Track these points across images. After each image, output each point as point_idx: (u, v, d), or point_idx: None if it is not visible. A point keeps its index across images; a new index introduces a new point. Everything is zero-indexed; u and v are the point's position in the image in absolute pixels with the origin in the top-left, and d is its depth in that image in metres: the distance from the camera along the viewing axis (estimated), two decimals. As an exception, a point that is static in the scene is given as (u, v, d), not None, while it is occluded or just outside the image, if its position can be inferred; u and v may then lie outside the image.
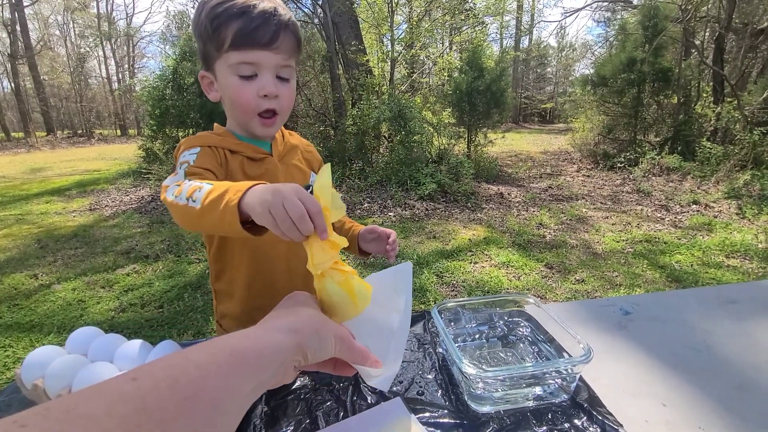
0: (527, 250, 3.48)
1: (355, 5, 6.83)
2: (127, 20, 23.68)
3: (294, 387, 0.66)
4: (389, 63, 6.94)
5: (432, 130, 5.95)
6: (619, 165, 6.66)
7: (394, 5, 6.50)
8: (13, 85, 16.38)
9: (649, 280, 2.88)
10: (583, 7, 10.61)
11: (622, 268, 3.07)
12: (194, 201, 0.53)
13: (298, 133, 0.93)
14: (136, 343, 0.66)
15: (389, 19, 6.66)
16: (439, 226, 4.17)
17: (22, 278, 3.06)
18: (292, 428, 0.58)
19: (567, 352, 0.64)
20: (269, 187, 0.46)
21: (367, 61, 6.54)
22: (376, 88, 6.37)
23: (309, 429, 0.58)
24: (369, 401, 0.63)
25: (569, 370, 0.59)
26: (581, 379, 0.65)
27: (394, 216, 4.47)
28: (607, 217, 4.44)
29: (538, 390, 0.62)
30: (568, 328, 0.63)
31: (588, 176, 6.74)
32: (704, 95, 6.93)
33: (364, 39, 6.86)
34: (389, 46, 7.10)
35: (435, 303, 2.64)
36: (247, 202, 0.47)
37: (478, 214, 4.59)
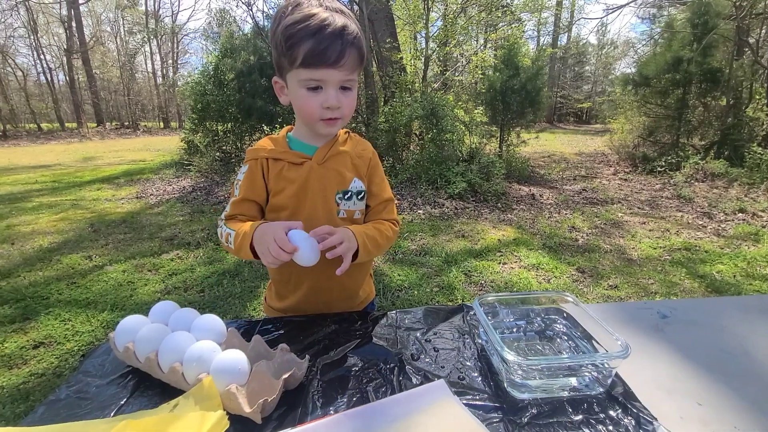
0: (558, 253, 3.43)
1: (391, 2, 6.87)
2: (172, 17, 24.79)
3: (345, 365, 0.73)
4: (423, 60, 6.94)
5: (464, 128, 5.93)
6: (659, 169, 6.40)
7: (430, 2, 6.49)
8: (68, 78, 17.52)
9: (687, 290, 2.79)
10: (627, 4, 10.19)
11: (659, 276, 2.98)
12: (229, 244, 0.83)
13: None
14: (210, 317, 0.75)
15: (425, 16, 6.66)
16: (468, 225, 4.17)
17: (78, 259, 3.32)
18: (345, 400, 0.65)
19: (604, 349, 0.68)
20: (260, 233, 0.76)
21: (401, 58, 6.57)
22: (409, 86, 6.40)
23: (360, 402, 0.64)
24: (414, 382, 0.68)
25: (606, 365, 0.63)
26: (617, 375, 0.68)
27: (423, 214, 4.51)
28: (644, 223, 4.30)
29: (573, 381, 0.65)
30: (606, 326, 0.66)
31: (625, 180, 6.51)
32: (757, 97, 6.52)
33: (398, 36, 6.89)
34: (423, 44, 7.10)
35: (462, 301, 2.67)
36: (254, 245, 0.77)
37: (508, 215, 4.55)
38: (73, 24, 17.19)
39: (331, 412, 0.62)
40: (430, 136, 5.47)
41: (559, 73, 22.28)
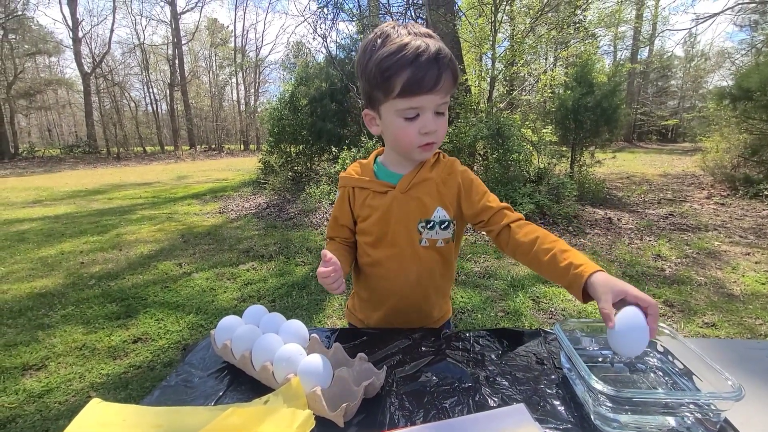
0: (640, 284, 3.12)
1: (457, 26, 6.97)
2: (256, 52, 27.52)
3: (420, 380, 0.74)
4: (488, 81, 6.89)
5: (531, 148, 5.72)
6: (766, 192, 5.59)
7: (497, 24, 6.48)
8: (169, 108, 20.24)
9: (810, 335, 2.37)
10: (721, 12, 9.27)
11: (770, 316, 2.57)
12: None
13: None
14: (295, 322, 0.81)
15: (491, 38, 6.64)
16: (536, 249, 3.97)
17: (170, 265, 3.72)
18: (422, 414, 0.65)
19: (710, 389, 0.61)
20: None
21: (466, 80, 6.59)
22: (474, 106, 6.37)
23: (437, 417, 0.64)
24: (491, 403, 0.67)
25: (713, 406, 0.57)
26: (726, 421, 0.60)
27: (487, 236, 4.38)
28: (749, 254, 3.76)
29: (672, 421, 0.60)
30: (712, 363, 0.60)
31: (722, 204, 5.77)
32: None
33: (464, 59, 6.94)
34: (489, 65, 7.06)
35: (530, 328, 2.52)
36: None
37: (581, 239, 4.26)
38: (176, 61, 19.90)
39: (408, 424, 0.63)
40: (495, 156, 5.35)
41: (640, 88, 20.66)
